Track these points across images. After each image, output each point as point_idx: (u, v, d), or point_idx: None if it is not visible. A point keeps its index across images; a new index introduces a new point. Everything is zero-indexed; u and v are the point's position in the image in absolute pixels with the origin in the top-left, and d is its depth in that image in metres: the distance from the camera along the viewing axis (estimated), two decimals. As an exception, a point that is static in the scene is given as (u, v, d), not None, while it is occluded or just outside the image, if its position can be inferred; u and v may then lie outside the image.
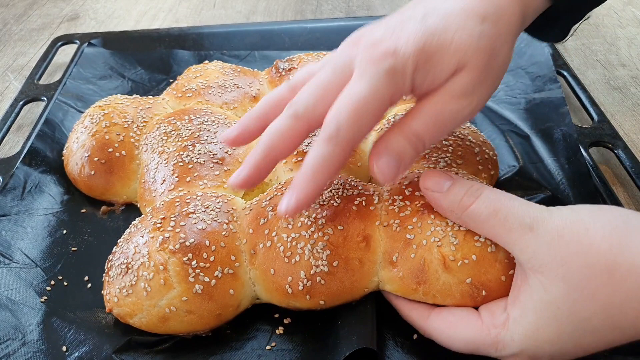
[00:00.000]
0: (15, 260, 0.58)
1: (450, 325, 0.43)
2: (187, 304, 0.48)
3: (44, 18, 1.12)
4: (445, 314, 0.44)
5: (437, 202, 0.44)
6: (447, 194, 0.42)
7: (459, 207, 0.41)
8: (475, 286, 0.43)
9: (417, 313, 0.46)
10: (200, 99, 0.72)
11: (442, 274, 0.44)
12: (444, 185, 0.43)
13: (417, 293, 0.45)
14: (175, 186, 0.59)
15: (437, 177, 0.43)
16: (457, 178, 0.43)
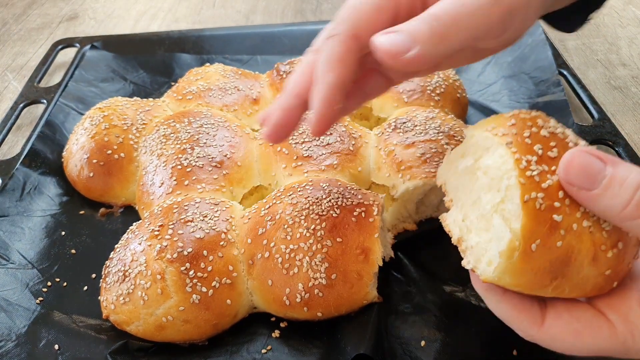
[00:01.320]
0: (12, 261, 0.58)
1: (576, 334, 0.35)
2: (184, 314, 0.48)
3: (43, 18, 1.11)
4: (567, 319, 0.36)
5: (588, 204, 0.33)
6: (604, 195, 0.31)
7: (626, 214, 0.31)
8: (611, 278, 0.35)
9: (528, 318, 0.37)
10: (201, 101, 0.72)
11: (586, 266, 0.34)
12: (597, 181, 0.31)
13: (546, 289, 0.35)
14: (173, 189, 0.59)
15: (584, 166, 0.32)
16: (615, 163, 0.31)
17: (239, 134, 0.66)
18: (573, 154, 0.33)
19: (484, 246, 0.37)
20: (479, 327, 0.50)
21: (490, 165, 0.37)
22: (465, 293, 0.53)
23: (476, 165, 0.39)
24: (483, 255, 0.37)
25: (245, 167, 0.63)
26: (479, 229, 0.37)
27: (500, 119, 0.39)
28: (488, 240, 0.36)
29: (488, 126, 0.39)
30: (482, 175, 0.38)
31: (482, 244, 0.37)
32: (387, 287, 0.54)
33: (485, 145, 0.38)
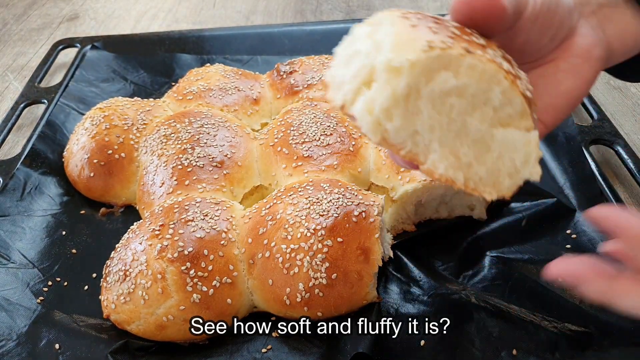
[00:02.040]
0: (12, 260, 0.58)
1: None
2: (185, 313, 0.49)
3: (43, 18, 1.12)
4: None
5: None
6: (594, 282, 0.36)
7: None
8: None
9: None
10: (201, 101, 0.72)
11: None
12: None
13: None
14: (174, 189, 0.59)
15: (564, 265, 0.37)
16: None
17: (239, 134, 0.66)
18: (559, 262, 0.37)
19: (496, 166, 0.35)
20: (478, 326, 0.50)
21: (464, 84, 0.33)
22: (465, 292, 0.53)
23: (445, 89, 0.33)
24: (498, 177, 0.35)
25: (246, 167, 0.63)
26: (480, 156, 0.35)
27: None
28: (497, 158, 0.35)
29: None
30: (455, 100, 0.33)
31: (492, 166, 0.35)
32: (386, 287, 0.54)
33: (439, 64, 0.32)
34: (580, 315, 0.50)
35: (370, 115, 0.32)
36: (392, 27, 0.32)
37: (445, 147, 0.34)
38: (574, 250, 0.56)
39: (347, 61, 0.35)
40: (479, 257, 0.57)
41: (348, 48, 0.36)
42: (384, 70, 0.31)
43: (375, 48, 0.33)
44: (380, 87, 0.32)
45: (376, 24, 0.34)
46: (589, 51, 0.41)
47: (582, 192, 0.61)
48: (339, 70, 0.36)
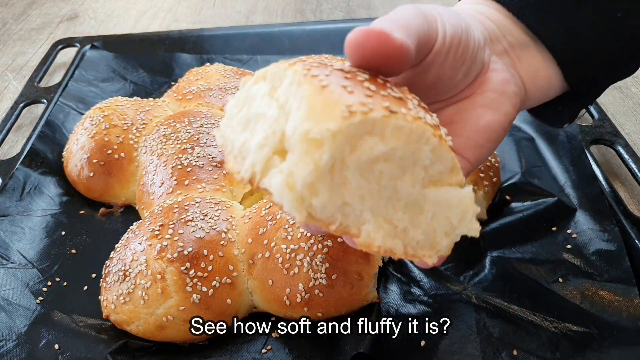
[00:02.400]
0: (12, 260, 0.58)
1: None
2: (185, 313, 0.48)
3: (43, 17, 1.11)
4: None
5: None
6: None
7: None
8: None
9: None
10: (201, 101, 0.72)
11: None
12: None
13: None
14: (173, 189, 0.59)
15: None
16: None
17: (239, 134, 0.66)
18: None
19: (432, 228, 0.33)
20: (479, 326, 0.50)
21: (392, 148, 0.30)
22: (466, 292, 0.53)
23: (372, 156, 0.30)
24: (435, 238, 0.33)
25: (246, 167, 0.63)
26: (415, 219, 0.32)
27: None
28: (431, 219, 0.32)
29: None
30: (383, 165, 0.31)
31: (428, 227, 0.33)
32: (387, 287, 0.54)
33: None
34: (581, 315, 0.50)
35: (292, 192, 0.29)
36: (300, 89, 0.29)
37: (379, 216, 0.31)
38: (575, 250, 0.56)
39: (245, 123, 0.33)
40: (479, 257, 0.56)
41: (244, 107, 0.33)
42: (301, 141, 0.28)
43: (283, 113, 0.30)
44: (299, 159, 0.28)
45: (275, 80, 0.32)
46: (503, 86, 0.41)
47: (583, 192, 0.61)
48: (236, 134, 0.33)
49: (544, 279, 0.53)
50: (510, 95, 0.41)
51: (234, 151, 0.33)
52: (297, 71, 0.30)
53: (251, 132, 0.32)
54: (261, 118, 0.32)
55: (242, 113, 0.33)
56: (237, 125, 0.33)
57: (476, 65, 0.40)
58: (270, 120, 0.31)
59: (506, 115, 0.41)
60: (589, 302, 0.51)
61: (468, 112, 0.40)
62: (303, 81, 0.30)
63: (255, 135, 0.31)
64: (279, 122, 0.30)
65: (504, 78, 0.41)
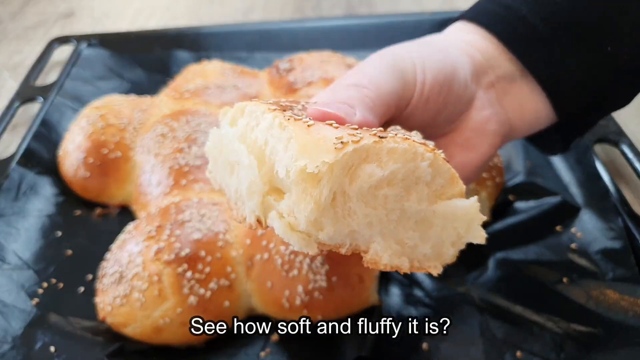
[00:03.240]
0: (7, 262, 0.57)
1: None
2: (182, 316, 0.48)
3: (39, 16, 1.10)
4: None
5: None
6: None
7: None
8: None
9: None
10: (198, 99, 0.71)
11: None
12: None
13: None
14: (170, 190, 0.58)
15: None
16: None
17: (237, 133, 0.65)
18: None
19: (440, 240, 0.33)
20: (482, 327, 0.49)
21: (392, 171, 0.31)
22: (469, 294, 0.52)
23: (373, 182, 0.30)
24: (442, 249, 0.33)
25: (244, 166, 0.62)
26: (424, 234, 0.33)
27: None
28: (440, 232, 0.33)
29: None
30: (387, 190, 0.31)
31: (437, 240, 0.33)
32: (388, 289, 0.53)
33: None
34: (587, 315, 0.49)
35: (295, 233, 0.29)
36: (284, 132, 0.30)
37: (389, 238, 0.32)
38: (580, 249, 0.56)
39: (230, 168, 0.33)
40: (483, 258, 0.56)
41: (223, 150, 0.34)
42: (297, 180, 0.28)
43: (256, 160, 0.31)
44: (298, 199, 0.29)
45: (251, 119, 0.32)
46: (483, 125, 0.41)
47: (588, 190, 0.61)
48: (226, 179, 0.34)
49: (548, 280, 0.53)
50: (489, 134, 0.41)
51: (232, 198, 0.34)
52: (277, 116, 0.31)
53: (237, 177, 0.33)
54: (239, 165, 0.33)
55: (222, 158, 0.34)
56: (223, 170, 0.34)
57: (460, 106, 0.40)
58: (248, 168, 0.32)
59: (482, 155, 0.41)
60: (594, 302, 0.50)
61: (443, 148, 0.40)
62: (287, 123, 0.30)
63: (242, 181, 0.32)
64: (253, 169, 0.31)
65: (485, 116, 0.41)
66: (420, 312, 0.51)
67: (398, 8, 1.07)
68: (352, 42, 0.89)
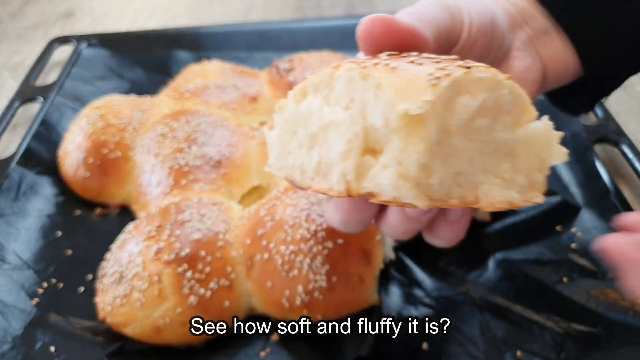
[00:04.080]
0: (7, 262, 0.57)
1: None
2: (182, 316, 0.48)
3: (39, 16, 1.10)
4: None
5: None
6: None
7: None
8: None
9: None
10: (198, 99, 0.71)
11: None
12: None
13: None
14: (170, 189, 0.58)
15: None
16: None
17: (237, 133, 0.65)
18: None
19: (529, 167, 0.32)
20: (482, 327, 0.49)
21: (483, 101, 0.29)
22: (469, 294, 0.52)
23: (469, 114, 0.29)
24: (533, 176, 0.32)
25: (244, 166, 0.62)
26: (516, 165, 0.31)
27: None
28: (527, 159, 0.31)
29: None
30: (480, 120, 0.30)
31: (527, 169, 0.32)
32: (388, 289, 0.53)
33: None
34: (587, 315, 0.49)
35: (407, 181, 0.28)
36: (369, 81, 0.29)
37: (489, 173, 0.31)
38: (580, 249, 0.56)
39: (310, 142, 0.31)
40: (483, 258, 0.56)
41: (298, 128, 0.31)
42: (399, 126, 0.27)
43: (356, 113, 0.29)
44: (405, 144, 0.27)
45: (321, 88, 0.31)
46: (525, 73, 0.42)
47: (588, 190, 0.61)
48: (302, 158, 0.32)
49: (549, 279, 0.53)
50: (530, 82, 0.41)
51: (309, 173, 0.31)
52: (352, 68, 0.30)
53: (323, 146, 0.31)
54: (330, 127, 0.30)
55: (301, 134, 0.31)
56: (298, 149, 0.32)
57: (500, 53, 0.40)
58: (344, 124, 0.29)
59: None
60: (594, 302, 0.50)
61: None
62: (368, 72, 0.29)
63: (333, 146, 0.30)
64: (355, 122, 0.29)
65: (525, 65, 0.42)
66: (420, 312, 0.51)
67: (398, 7, 1.07)
68: (352, 42, 0.88)
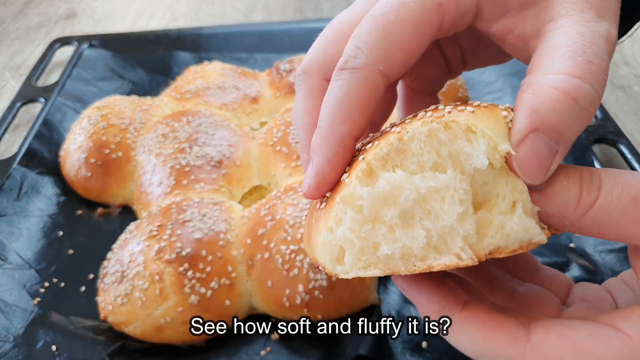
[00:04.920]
0: (9, 261, 0.58)
1: (577, 348, 0.28)
2: (183, 315, 0.48)
3: (40, 16, 1.11)
4: (561, 332, 0.29)
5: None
6: (552, 194, 0.28)
7: (578, 209, 0.28)
8: None
9: (507, 336, 0.30)
10: (199, 100, 0.71)
11: None
12: (537, 179, 0.28)
13: None
14: (171, 189, 0.58)
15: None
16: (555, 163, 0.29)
17: (238, 133, 0.65)
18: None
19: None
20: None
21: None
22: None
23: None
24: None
25: (245, 166, 0.62)
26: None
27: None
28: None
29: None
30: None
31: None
32: (387, 288, 0.54)
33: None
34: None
35: (532, 218, 0.28)
36: (455, 127, 0.27)
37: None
38: (579, 248, 0.56)
39: (405, 218, 0.28)
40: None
41: (384, 210, 0.28)
42: (502, 166, 0.27)
43: (454, 162, 0.28)
44: (511, 184, 0.27)
45: (396, 158, 0.28)
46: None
47: None
48: (403, 237, 0.28)
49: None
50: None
51: (417, 253, 0.28)
52: (425, 122, 0.28)
53: (426, 218, 0.28)
54: (430, 195, 0.27)
55: (389, 216, 0.28)
56: (390, 234, 0.28)
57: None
58: (449, 185, 0.27)
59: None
60: None
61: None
62: (451, 117, 0.27)
63: (442, 213, 0.27)
64: (461, 179, 0.27)
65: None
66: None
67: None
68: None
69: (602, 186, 0.28)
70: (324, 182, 0.30)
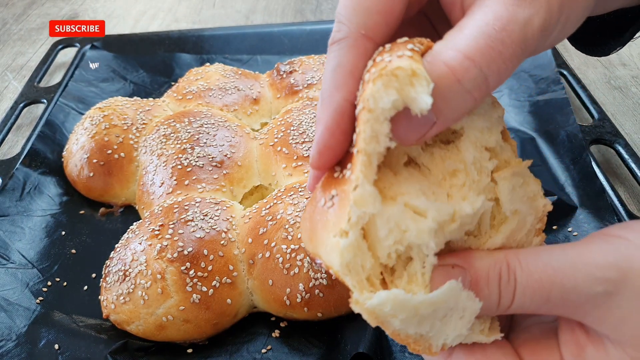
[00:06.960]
0: (12, 260, 0.58)
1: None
2: (185, 313, 0.48)
3: (43, 18, 1.11)
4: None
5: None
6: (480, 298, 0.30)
7: (499, 310, 0.30)
8: None
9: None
10: (201, 101, 0.72)
11: None
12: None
13: None
14: (173, 189, 0.59)
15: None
16: (469, 265, 0.30)
17: (239, 134, 0.66)
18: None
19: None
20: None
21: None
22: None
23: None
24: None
25: (246, 166, 0.63)
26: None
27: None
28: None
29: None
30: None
31: None
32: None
33: None
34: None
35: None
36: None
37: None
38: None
39: (443, 316, 0.29)
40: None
41: (417, 316, 0.28)
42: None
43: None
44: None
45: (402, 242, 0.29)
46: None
47: (584, 190, 0.61)
48: (445, 329, 0.29)
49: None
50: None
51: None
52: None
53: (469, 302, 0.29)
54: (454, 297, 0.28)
55: (419, 324, 0.29)
56: (432, 333, 0.29)
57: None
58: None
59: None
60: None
61: None
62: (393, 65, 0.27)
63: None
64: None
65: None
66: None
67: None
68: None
69: (517, 287, 0.29)
70: (325, 150, 0.31)
